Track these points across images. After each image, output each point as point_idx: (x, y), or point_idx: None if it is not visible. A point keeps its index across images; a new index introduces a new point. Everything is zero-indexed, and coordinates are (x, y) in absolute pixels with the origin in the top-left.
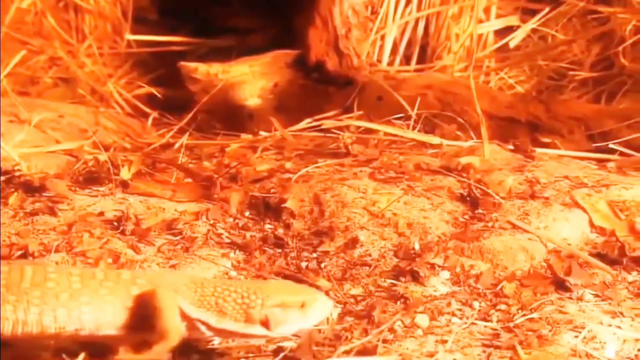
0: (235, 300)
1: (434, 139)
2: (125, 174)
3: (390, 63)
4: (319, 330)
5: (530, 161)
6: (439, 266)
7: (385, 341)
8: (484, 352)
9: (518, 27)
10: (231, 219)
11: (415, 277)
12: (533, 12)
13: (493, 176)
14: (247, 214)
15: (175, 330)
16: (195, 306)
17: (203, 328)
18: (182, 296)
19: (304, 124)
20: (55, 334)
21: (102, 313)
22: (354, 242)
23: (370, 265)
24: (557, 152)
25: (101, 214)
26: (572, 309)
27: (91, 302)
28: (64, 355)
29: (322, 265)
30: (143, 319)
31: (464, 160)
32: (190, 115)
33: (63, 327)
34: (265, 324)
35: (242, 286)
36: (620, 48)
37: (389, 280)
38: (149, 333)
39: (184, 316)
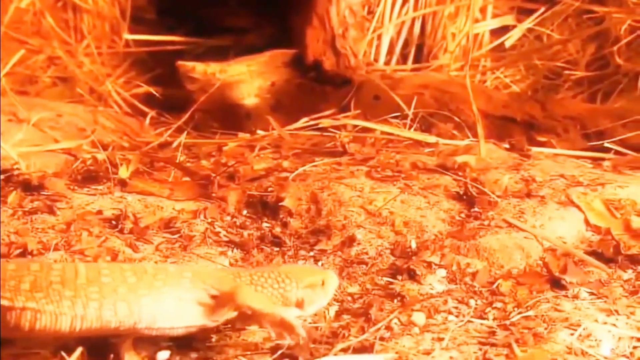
0: (272, 286)
1: (431, 138)
2: (123, 172)
3: (387, 62)
4: (316, 328)
5: (526, 160)
6: (436, 264)
7: (382, 339)
8: (480, 349)
9: (514, 26)
10: (229, 218)
11: (412, 275)
12: (529, 12)
13: (489, 175)
14: (244, 212)
15: (293, 319)
16: None
17: (248, 313)
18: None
19: (301, 123)
20: (114, 328)
21: (159, 305)
22: (351, 241)
23: (367, 264)
24: (552, 151)
25: (99, 212)
26: (568, 307)
27: (150, 294)
28: (62, 353)
29: (320, 263)
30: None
31: (460, 159)
32: (188, 114)
33: (123, 321)
34: (300, 304)
35: (273, 272)
36: (615, 47)
37: (385, 279)
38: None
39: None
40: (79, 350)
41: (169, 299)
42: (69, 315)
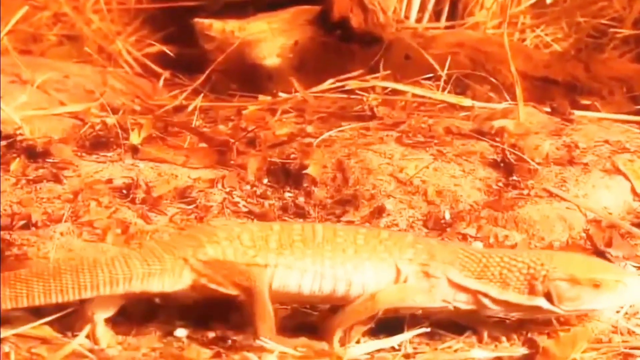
0: (520, 271)
1: (466, 101)
2: (135, 138)
3: (419, 20)
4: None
5: (568, 124)
6: (471, 237)
7: (414, 316)
8: (521, 328)
9: None
10: (248, 187)
11: None
12: None
13: (529, 140)
14: (265, 181)
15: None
16: (476, 277)
17: (486, 300)
18: (458, 267)
19: (326, 84)
20: (345, 292)
21: (378, 270)
22: (380, 212)
23: None
24: (597, 115)
25: (109, 181)
26: None
27: (370, 258)
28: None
29: None
30: None
31: (497, 123)
32: (204, 76)
33: (351, 282)
34: (549, 297)
35: (532, 256)
36: None
37: None
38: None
39: (460, 288)
40: (88, 327)
41: (386, 265)
42: (311, 272)
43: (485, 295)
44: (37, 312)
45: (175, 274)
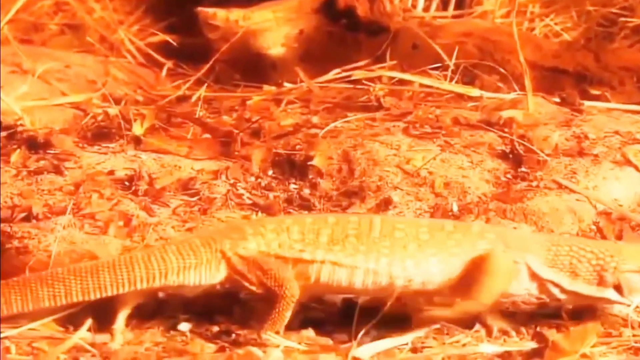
0: (589, 261)
1: (474, 91)
2: (137, 129)
3: (426, 8)
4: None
5: (578, 115)
6: None
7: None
8: (531, 321)
9: None
10: (253, 178)
11: None
12: None
13: (538, 131)
14: (270, 172)
15: (493, 297)
16: (548, 266)
17: (555, 290)
18: (534, 255)
19: (332, 74)
20: (403, 286)
21: (447, 266)
22: (386, 204)
23: None
24: (607, 105)
25: (111, 172)
26: None
27: (438, 254)
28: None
29: None
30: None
31: (506, 114)
32: (208, 65)
33: (411, 279)
34: (618, 289)
35: (600, 247)
36: None
37: None
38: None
39: (534, 276)
40: (88, 322)
41: (457, 260)
42: (362, 269)
43: (557, 285)
44: None
45: (213, 267)
